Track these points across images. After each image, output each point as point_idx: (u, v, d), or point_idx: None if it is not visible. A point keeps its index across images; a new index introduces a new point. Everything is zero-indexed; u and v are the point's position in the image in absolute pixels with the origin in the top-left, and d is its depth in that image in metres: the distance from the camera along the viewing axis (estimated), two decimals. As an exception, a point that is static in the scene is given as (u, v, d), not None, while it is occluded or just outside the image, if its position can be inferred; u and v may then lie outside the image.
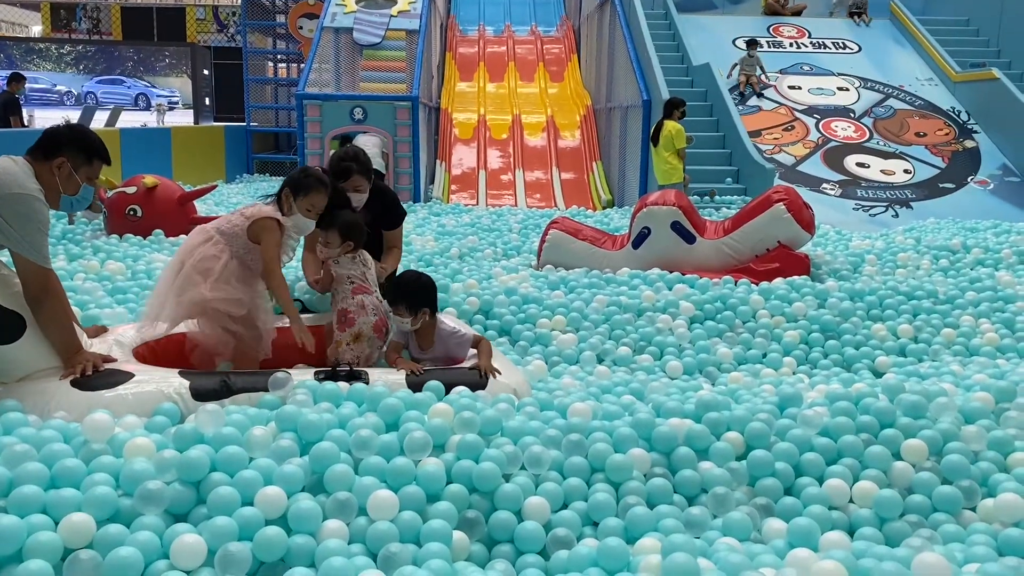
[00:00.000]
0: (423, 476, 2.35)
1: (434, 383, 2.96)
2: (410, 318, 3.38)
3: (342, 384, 2.92)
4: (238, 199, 9.85)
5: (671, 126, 8.85)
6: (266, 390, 2.87)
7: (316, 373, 3.08)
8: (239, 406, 2.75)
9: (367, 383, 3.01)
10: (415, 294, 3.41)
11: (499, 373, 3.24)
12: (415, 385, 3.00)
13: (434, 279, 5.05)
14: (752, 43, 12.65)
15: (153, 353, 3.52)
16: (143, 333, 3.45)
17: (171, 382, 2.90)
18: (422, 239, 7.15)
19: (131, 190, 6.60)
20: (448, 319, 3.68)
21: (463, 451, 2.47)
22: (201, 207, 7.53)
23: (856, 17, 14.37)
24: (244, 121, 16.31)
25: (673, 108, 9.00)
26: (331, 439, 2.45)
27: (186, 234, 6.44)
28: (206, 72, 21.67)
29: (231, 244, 3.46)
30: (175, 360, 3.48)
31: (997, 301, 5.07)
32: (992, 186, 10.86)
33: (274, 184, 13.68)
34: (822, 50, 13.64)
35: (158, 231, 6.43)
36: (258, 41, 18.22)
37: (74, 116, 13.18)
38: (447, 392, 2.93)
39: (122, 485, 2.20)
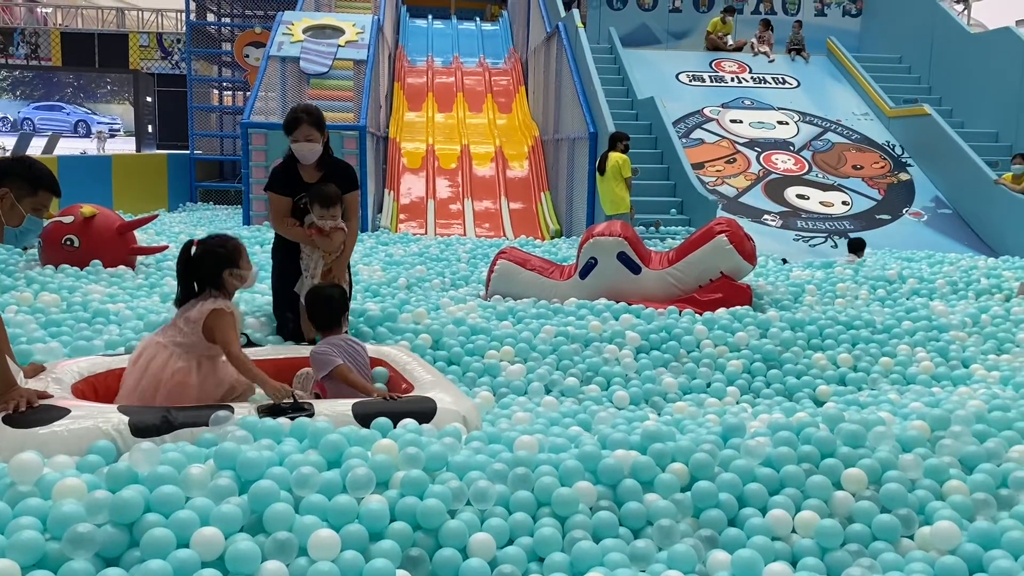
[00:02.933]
0: (366, 514, 2.30)
1: (382, 419, 2.92)
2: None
3: (283, 420, 2.86)
4: (180, 228, 9.67)
5: (616, 156, 9.01)
6: (208, 425, 2.80)
7: (258, 408, 3.02)
8: (175, 443, 2.68)
9: (312, 415, 2.96)
10: (314, 312, 3.93)
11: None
12: (363, 417, 2.96)
13: (381, 308, 5.04)
14: None
15: (93, 389, 3.41)
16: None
17: (109, 418, 2.81)
18: (369, 269, 7.09)
19: (68, 219, 6.43)
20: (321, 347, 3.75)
21: (407, 487, 2.43)
22: (142, 237, 7.36)
23: (795, 54, 14.83)
24: (188, 149, 16.09)
25: (617, 141, 9.19)
26: (271, 477, 2.38)
27: (125, 264, 6.39)
28: (149, 99, 21.34)
29: (193, 351, 3.39)
30: (116, 396, 3.38)
31: (932, 330, 5.22)
32: (926, 217, 11.23)
33: (218, 213, 13.51)
34: (762, 85, 14.03)
35: (96, 262, 6.26)
36: (203, 69, 18.05)
37: (9, 143, 12.83)
38: (395, 424, 2.90)
39: (50, 529, 2.12)
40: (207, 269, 3.45)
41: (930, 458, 2.84)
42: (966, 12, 21.37)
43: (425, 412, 3.10)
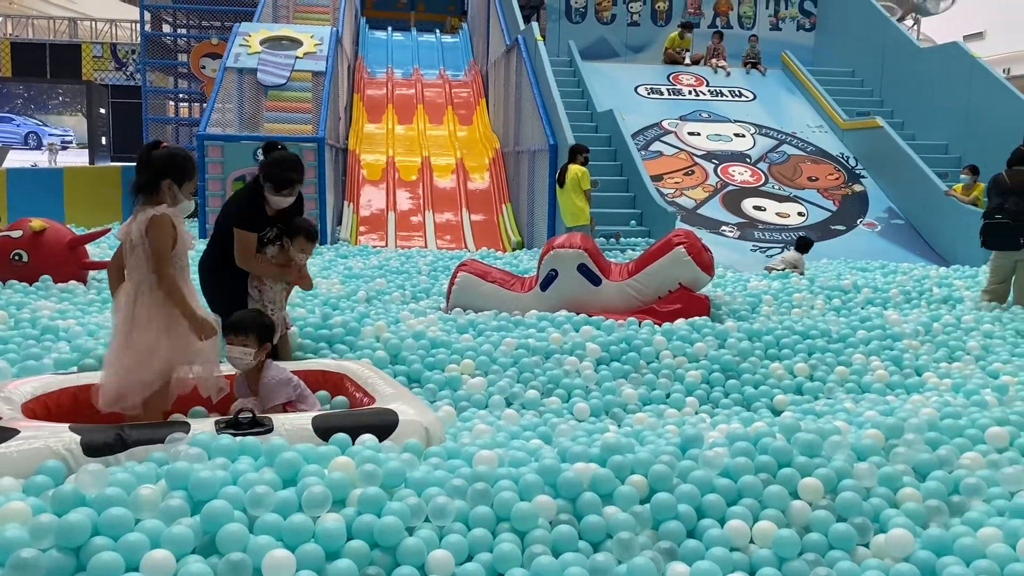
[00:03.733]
0: (322, 533, 2.27)
1: (340, 435, 2.88)
2: (254, 350, 3.42)
3: (237, 437, 2.80)
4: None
5: (576, 169, 9.06)
6: (163, 442, 2.74)
7: (216, 422, 2.96)
8: (123, 464, 2.61)
9: (271, 430, 2.91)
10: (260, 328, 3.50)
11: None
12: (324, 431, 2.92)
13: (341, 323, 4.98)
14: None
15: (45, 408, 3.32)
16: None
17: (61, 437, 2.72)
18: (328, 282, 7.02)
19: (16, 234, 6.29)
20: (276, 371, 3.60)
21: (364, 505, 2.40)
22: (94, 251, 7.21)
23: (751, 67, 15.06)
24: (143, 161, 15.81)
25: (576, 153, 9.25)
26: (225, 497, 2.34)
27: (76, 279, 6.26)
28: (103, 111, 20.96)
29: (150, 276, 3.24)
30: (69, 415, 3.28)
31: (886, 339, 5.31)
32: (879, 228, 11.45)
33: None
34: (719, 98, 14.21)
35: (46, 277, 6.12)
36: (159, 80, 17.81)
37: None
38: (354, 437, 2.86)
39: (-8, 555, 2.05)
40: (153, 172, 3.16)
41: (884, 466, 2.88)
42: (916, 27, 21.91)
43: (387, 425, 3.07)
